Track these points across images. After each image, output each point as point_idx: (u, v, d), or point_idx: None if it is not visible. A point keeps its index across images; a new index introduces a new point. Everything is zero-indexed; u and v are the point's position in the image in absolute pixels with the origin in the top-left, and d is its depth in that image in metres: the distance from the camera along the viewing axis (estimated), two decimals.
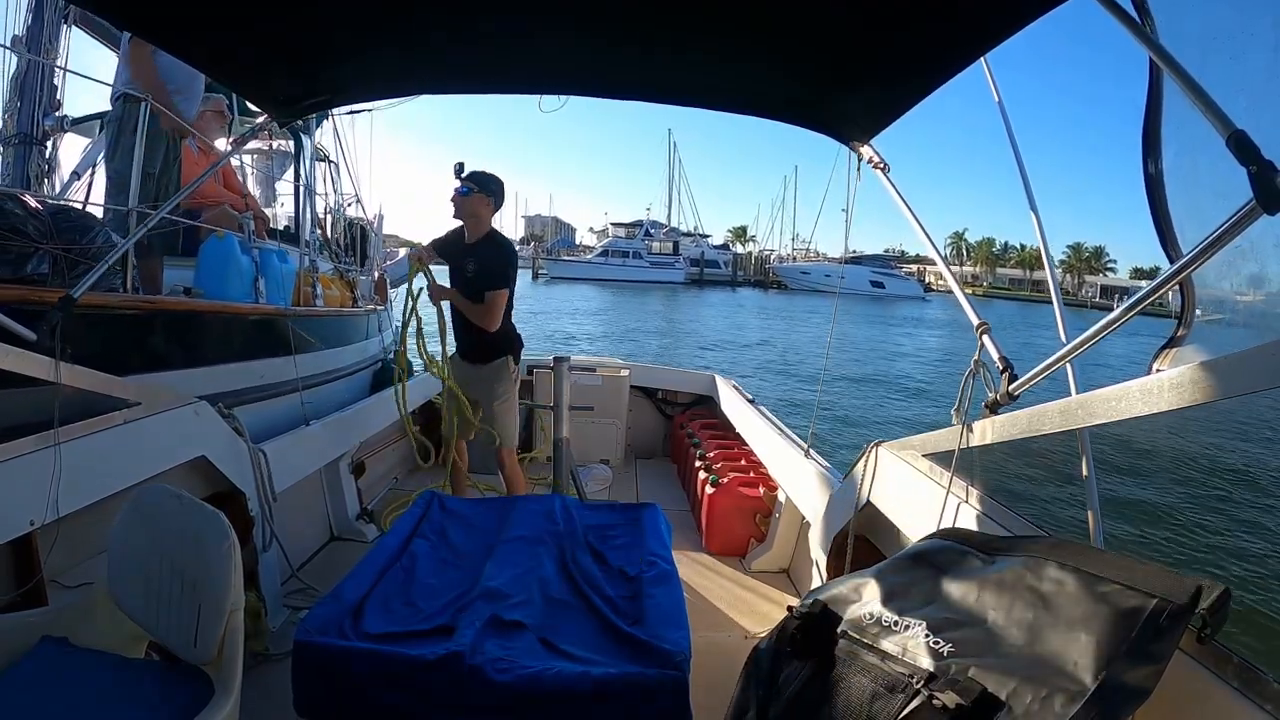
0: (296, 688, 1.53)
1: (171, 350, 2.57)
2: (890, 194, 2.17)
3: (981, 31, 1.47)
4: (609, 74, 2.19)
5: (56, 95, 3.53)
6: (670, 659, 1.49)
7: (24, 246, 2.06)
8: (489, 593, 1.77)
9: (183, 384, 2.34)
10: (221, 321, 2.94)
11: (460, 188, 3.00)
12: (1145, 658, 0.92)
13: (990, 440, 1.56)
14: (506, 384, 3.18)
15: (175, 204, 2.50)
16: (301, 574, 2.80)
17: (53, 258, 2.12)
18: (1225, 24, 1.26)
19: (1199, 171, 1.22)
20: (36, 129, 3.45)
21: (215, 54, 1.97)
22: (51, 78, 3.48)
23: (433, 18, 1.73)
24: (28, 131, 3.41)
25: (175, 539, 1.47)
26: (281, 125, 2.69)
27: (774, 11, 1.57)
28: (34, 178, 3.49)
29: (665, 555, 2.09)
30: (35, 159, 3.49)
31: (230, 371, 2.88)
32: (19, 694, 1.30)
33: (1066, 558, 1.10)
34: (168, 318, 2.60)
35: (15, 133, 3.40)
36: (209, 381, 2.65)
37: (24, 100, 3.39)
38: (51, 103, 3.51)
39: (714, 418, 4.66)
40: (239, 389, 2.87)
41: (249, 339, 3.06)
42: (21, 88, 3.39)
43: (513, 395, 3.21)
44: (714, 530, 3.35)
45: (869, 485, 2.11)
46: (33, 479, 1.55)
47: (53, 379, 1.64)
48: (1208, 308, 1.33)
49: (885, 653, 1.10)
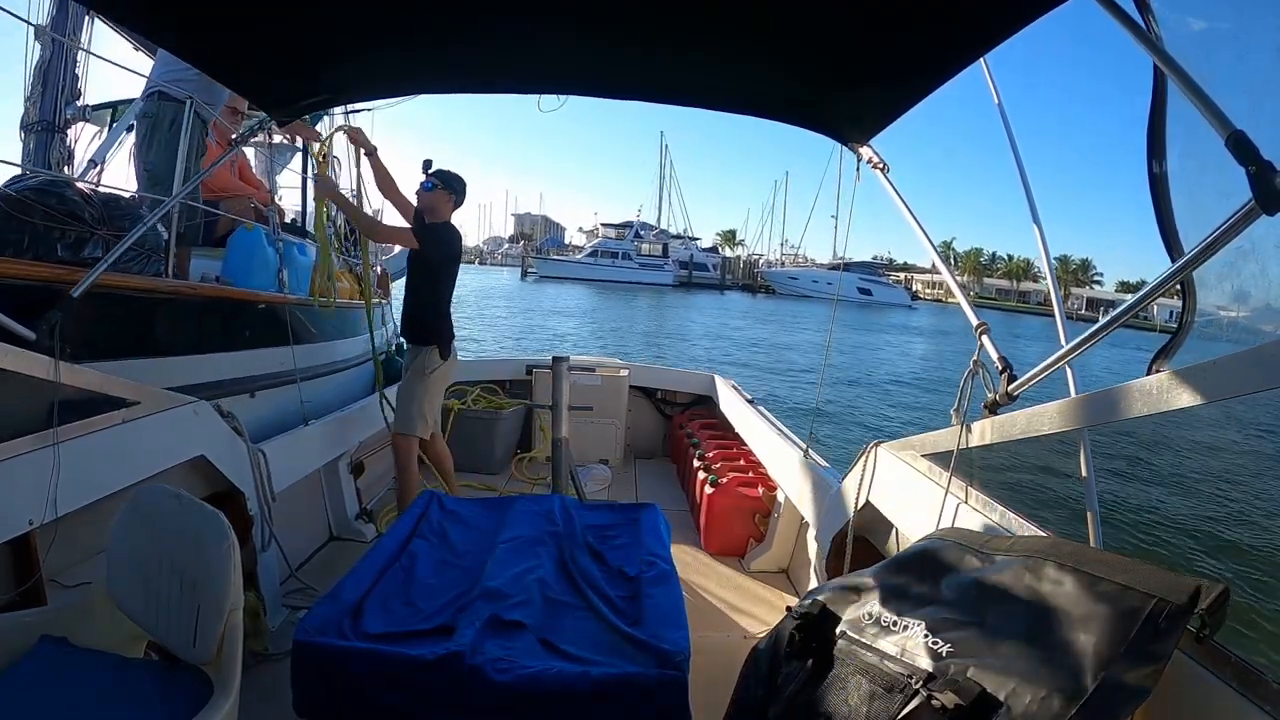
0: (296, 688, 1.53)
1: (212, 335, 2.75)
2: (890, 194, 2.17)
3: (981, 32, 1.47)
4: (609, 74, 2.19)
5: (78, 84, 3.60)
6: (670, 659, 1.49)
7: (82, 231, 2.20)
8: (488, 593, 1.76)
9: (229, 367, 2.68)
10: (260, 309, 3.14)
11: (425, 183, 3.10)
12: (1144, 658, 0.92)
13: (989, 440, 1.56)
14: (417, 370, 3.16)
15: (183, 196, 2.53)
16: (301, 574, 2.79)
17: (104, 243, 2.23)
18: (1228, 24, 1.26)
19: (1203, 172, 1.22)
20: (59, 116, 3.51)
21: (216, 53, 1.97)
22: (74, 66, 3.55)
23: (433, 18, 1.73)
24: (50, 119, 3.48)
25: (175, 539, 1.47)
26: (281, 125, 2.69)
27: (774, 12, 1.57)
28: (55, 164, 3.55)
29: (664, 555, 2.09)
30: (57, 146, 3.56)
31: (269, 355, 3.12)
32: (18, 694, 1.30)
33: (1066, 558, 1.10)
34: (209, 304, 2.77)
35: (38, 119, 3.46)
36: (255, 363, 2.90)
37: (47, 88, 3.46)
38: (73, 91, 3.58)
39: (713, 418, 4.66)
40: (277, 372, 3.13)
41: (279, 327, 3.21)
42: (45, 75, 3.45)
43: (423, 382, 3.15)
44: (713, 530, 3.35)
45: (868, 485, 2.11)
46: (32, 478, 1.55)
47: (52, 378, 1.64)
48: (1209, 308, 1.33)
49: (884, 653, 1.10)
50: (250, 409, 2.86)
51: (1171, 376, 1.06)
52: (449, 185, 3.14)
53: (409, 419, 3.13)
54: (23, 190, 2.15)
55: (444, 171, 3.17)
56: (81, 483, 1.69)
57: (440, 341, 3.19)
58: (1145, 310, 1.26)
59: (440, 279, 3.18)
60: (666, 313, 33.60)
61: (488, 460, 4.35)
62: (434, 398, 3.21)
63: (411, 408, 3.12)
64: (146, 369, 2.30)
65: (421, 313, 3.20)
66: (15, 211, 2.08)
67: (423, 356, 3.16)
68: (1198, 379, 1.01)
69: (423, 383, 3.14)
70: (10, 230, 2.06)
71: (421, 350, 3.18)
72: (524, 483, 4.26)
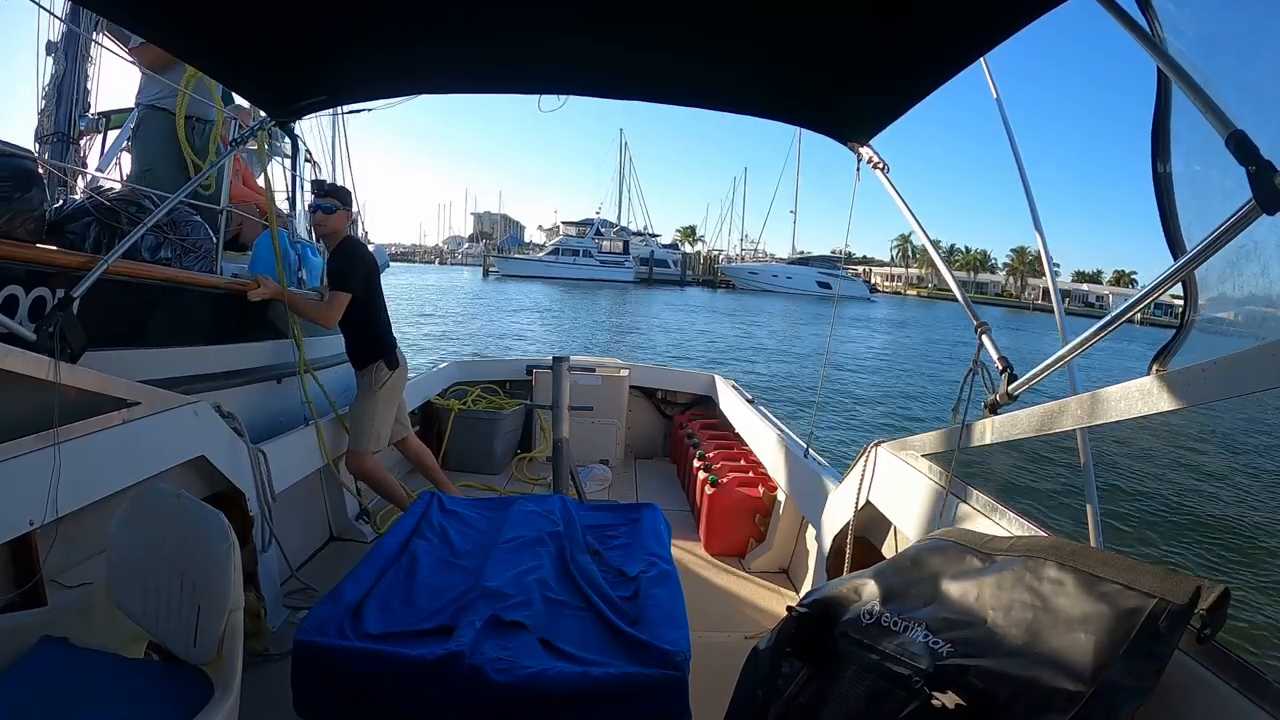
0: (296, 688, 1.53)
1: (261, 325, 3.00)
2: (890, 194, 2.17)
3: (981, 32, 1.48)
4: (610, 74, 2.19)
5: (88, 97, 3.75)
6: (670, 659, 1.49)
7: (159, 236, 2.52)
8: (489, 593, 1.76)
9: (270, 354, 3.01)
10: None
11: (325, 204, 3.05)
12: (1145, 658, 0.92)
13: (989, 440, 1.56)
14: (365, 388, 3.18)
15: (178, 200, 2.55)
16: (301, 574, 2.79)
17: (170, 244, 2.59)
18: (1230, 24, 1.26)
19: (1208, 172, 1.22)
20: (73, 128, 3.65)
21: (216, 53, 1.97)
22: (85, 80, 3.71)
23: (433, 18, 1.73)
24: (65, 130, 3.60)
25: (175, 539, 1.47)
26: (281, 125, 2.70)
27: (774, 12, 1.57)
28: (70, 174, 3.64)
29: (665, 555, 2.09)
30: (71, 157, 3.68)
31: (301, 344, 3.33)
32: (19, 694, 1.30)
33: (1066, 558, 1.10)
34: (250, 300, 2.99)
35: (53, 131, 3.59)
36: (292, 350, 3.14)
37: (61, 101, 3.60)
38: (84, 104, 3.72)
39: (713, 418, 4.66)
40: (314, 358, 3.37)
41: None
42: (59, 89, 3.59)
43: (374, 399, 3.16)
44: (713, 530, 3.35)
45: (868, 485, 2.11)
46: (32, 478, 1.55)
47: (52, 379, 1.64)
48: (1210, 308, 1.33)
49: (885, 653, 1.09)
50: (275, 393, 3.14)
51: (1172, 376, 1.06)
52: (346, 203, 3.13)
53: (358, 436, 3.15)
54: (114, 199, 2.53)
55: (337, 187, 3.25)
56: (82, 483, 1.69)
57: (383, 356, 3.20)
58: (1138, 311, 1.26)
59: (368, 301, 3.13)
60: (628, 309, 34.11)
61: (488, 460, 4.36)
62: (386, 411, 3.22)
63: (363, 426, 3.15)
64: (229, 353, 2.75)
65: (359, 341, 3.21)
66: (105, 218, 2.43)
67: (369, 375, 3.18)
68: (1198, 379, 1.01)
69: (372, 400, 3.16)
70: (103, 234, 2.41)
71: (368, 370, 3.19)
72: (524, 483, 4.26)
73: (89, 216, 2.45)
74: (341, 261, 3.06)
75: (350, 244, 3.14)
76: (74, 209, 2.52)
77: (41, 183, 2.14)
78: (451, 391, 4.70)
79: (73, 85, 3.58)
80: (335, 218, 3.06)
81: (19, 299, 1.84)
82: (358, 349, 3.22)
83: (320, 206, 3.06)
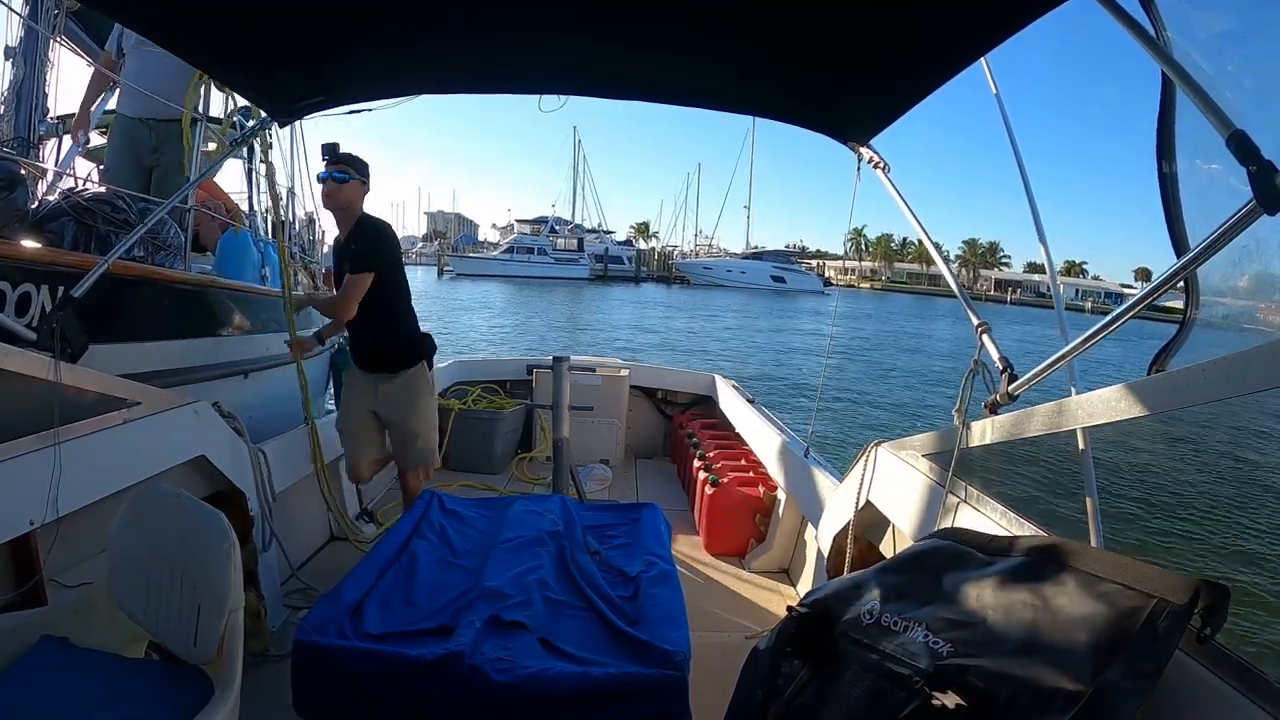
0: (296, 688, 1.53)
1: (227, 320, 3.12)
2: (890, 193, 2.17)
3: (982, 32, 1.48)
4: (610, 74, 2.19)
5: (46, 102, 3.78)
6: (670, 659, 1.49)
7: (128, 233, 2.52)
8: (489, 593, 1.76)
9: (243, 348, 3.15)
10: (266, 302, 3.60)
11: (336, 173, 2.53)
12: (1145, 658, 0.92)
13: (990, 440, 1.56)
14: (426, 395, 2.78)
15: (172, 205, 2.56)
16: (301, 574, 2.79)
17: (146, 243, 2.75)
18: (1233, 25, 1.26)
19: (1212, 172, 1.22)
20: (33, 133, 3.67)
21: (216, 54, 1.97)
22: (44, 85, 3.73)
23: (434, 18, 1.73)
24: (25, 135, 3.62)
25: (175, 539, 1.47)
26: (281, 125, 2.70)
27: (775, 12, 1.57)
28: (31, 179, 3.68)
29: (665, 555, 2.09)
30: (32, 161, 3.69)
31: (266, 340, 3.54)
32: (19, 694, 1.30)
33: (1066, 558, 1.10)
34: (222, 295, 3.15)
35: (13, 136, 3.60)
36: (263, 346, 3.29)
37: (20, 106, 3.62)
38: (43, 109, 3.75)
39: (713, 418, 4.66)
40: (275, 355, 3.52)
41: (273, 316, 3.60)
42: (19, 94, 3.61)
43: (432, 405, 2.83)
44: (713, 530, 3.35)
45: (868, 485, 2.11)
46: (32, 478, 1.54)
47: (52, 379, 1.64)
48: (1211, 308, 1.33)
49: (885, 653, 1.09)
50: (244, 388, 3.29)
51: (1172, 376, 1.06)
52: (362, 173, 2.59)
53: (432, 451, 2.85)
54: (90, 200, 2.65)
55: (351, 156, 2.60)
56: (82, 483, 1.69)
57: (425, 355, 2.82)
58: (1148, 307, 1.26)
59: (394, 290, 2.68)
60: (583, 305, 34.16)
61: (488, 460, 4.36)
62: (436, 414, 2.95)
63: (432, 436, 2.83)
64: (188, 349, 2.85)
65: (395, 337, 2.74)
66: (81, 218, 2.51)
67: (419, 378, 2.78)
68: (1199, 378, 1.01)
69: (431, 405, 2.83)
70: (80, 234, 2.51)
71: (412, 371, 2.77)
72: (524, 483, 4.26)
73: (65, 216, 2.54)
74: (366, 241, 2.58)
75: (372, 221, 2.63)
76: (50, 209, 2.58)
77: (25, 183, 2.18)
78: (452, 391, 4.69)
79: (32, 90, 3.63)
80: (348, 188, 2.55)
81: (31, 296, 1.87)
82: (394, 345, 2.73)
83: (331, 175, 2.52)
